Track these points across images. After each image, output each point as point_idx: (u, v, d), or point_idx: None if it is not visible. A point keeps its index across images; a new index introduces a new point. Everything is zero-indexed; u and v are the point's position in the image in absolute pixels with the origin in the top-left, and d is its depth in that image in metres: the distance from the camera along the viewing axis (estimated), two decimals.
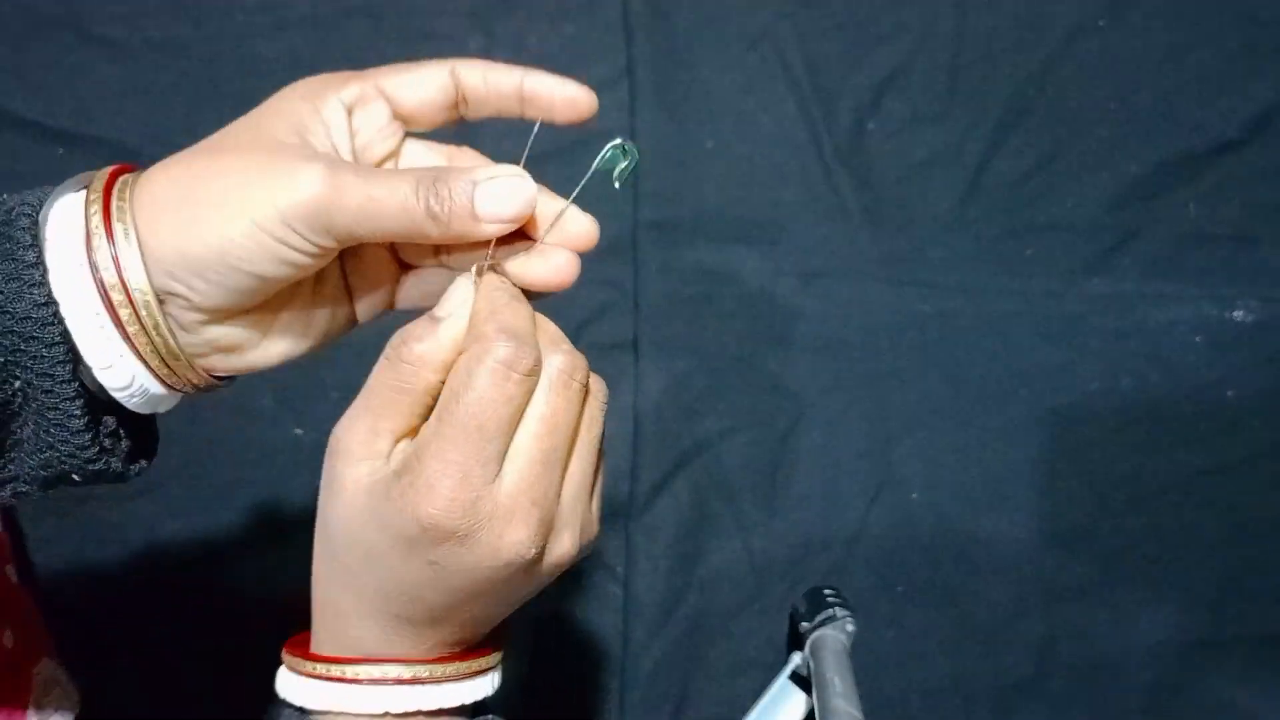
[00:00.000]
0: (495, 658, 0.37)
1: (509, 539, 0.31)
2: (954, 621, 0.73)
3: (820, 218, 0.74)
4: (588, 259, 0.36)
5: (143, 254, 0.30)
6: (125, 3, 0.70)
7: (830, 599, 0.67)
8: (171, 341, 0.32)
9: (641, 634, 0.70)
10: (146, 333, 0.31)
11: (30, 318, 0.30)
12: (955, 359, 0.74)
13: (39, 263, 0.30)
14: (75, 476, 0.33)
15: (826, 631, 0.64)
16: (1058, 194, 0.76)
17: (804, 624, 0.66)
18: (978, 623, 0.73)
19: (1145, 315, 0.75)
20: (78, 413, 0.31)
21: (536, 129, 0.35)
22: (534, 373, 0.31)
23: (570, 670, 0.70)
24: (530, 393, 0.31)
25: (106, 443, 0.33)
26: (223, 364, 0.35)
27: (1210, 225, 0.76)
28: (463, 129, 0.72)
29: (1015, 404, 0.74)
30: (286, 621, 0.70)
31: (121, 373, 0.32)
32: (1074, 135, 0.76)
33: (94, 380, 0.32)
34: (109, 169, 0.33)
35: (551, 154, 0.73)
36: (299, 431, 0.69)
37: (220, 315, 0.33)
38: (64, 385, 0.31)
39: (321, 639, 0.36)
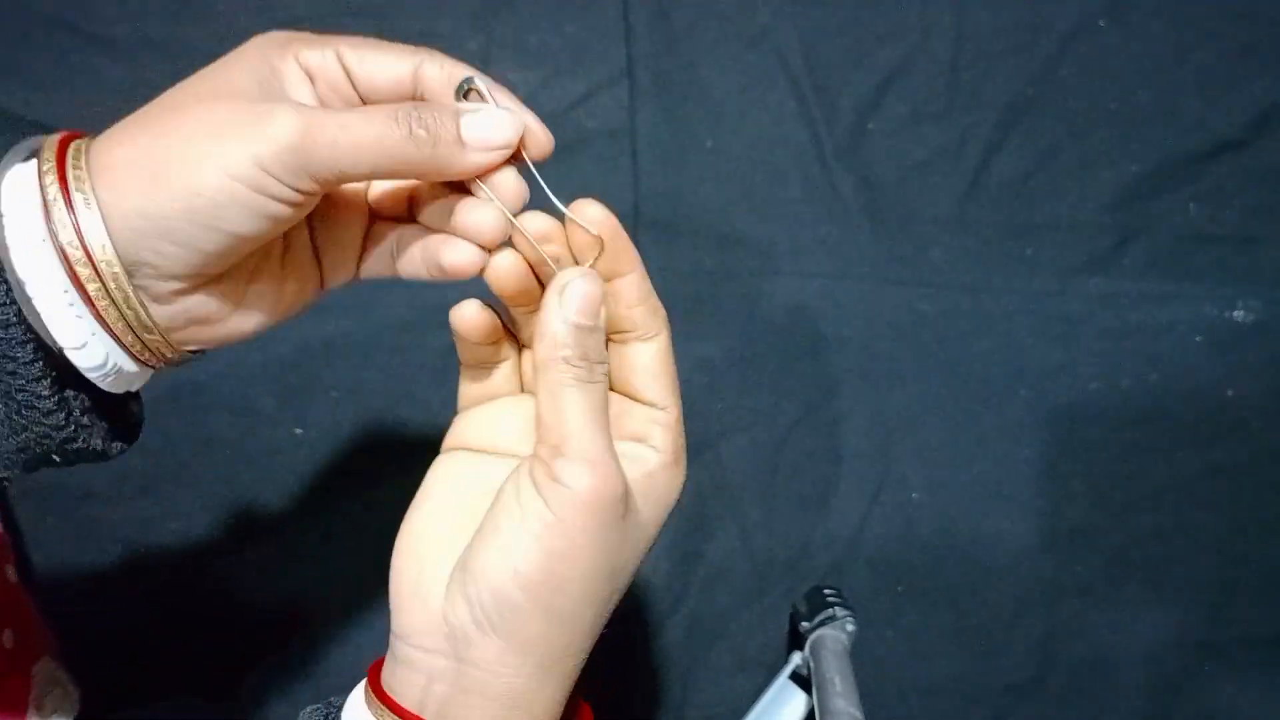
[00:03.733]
0: None
1: None
2: (954, 621, 0.73)
3: (820, 217, 0.74)
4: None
5: (106, 222, 0.29)
6: (126, 2, 0.70)
7: (830, 599, 0.67)
8: (144, 314, 0.30)
9: (642, 634, 0.70)
10: (117, 307, 0.30)
11: None
12: (955, 359, 0.74)
13: None
14: (55, 457, 0.32)
15: (827, 631, 0.64)
16: (1058, 194, 0.76)
17: (804, 624, 0.66)
18: (978, 623, 0.73)
19: (1145, 315, 0.75)
20: (45, 393, 0.30)
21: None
22: None
23: None
24: None
25: (83, 419, 0.32)
26: (196, 336, 0.33)
27: (1211, 225, 0.76)
28: None
29: (1015, 404, 0.74)
30: (287, 620, 0.70)
31: (94, 352, 0.31)
32: (1074, 135, 0.76)
33: (64, 360, 0.30)
34: (57, 135, 0.31)
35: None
36: (299, 431, 0.69)
37: (192, 283, 0.31)
38: (27, 366, 0.29)
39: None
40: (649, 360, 0.34)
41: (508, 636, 0.30)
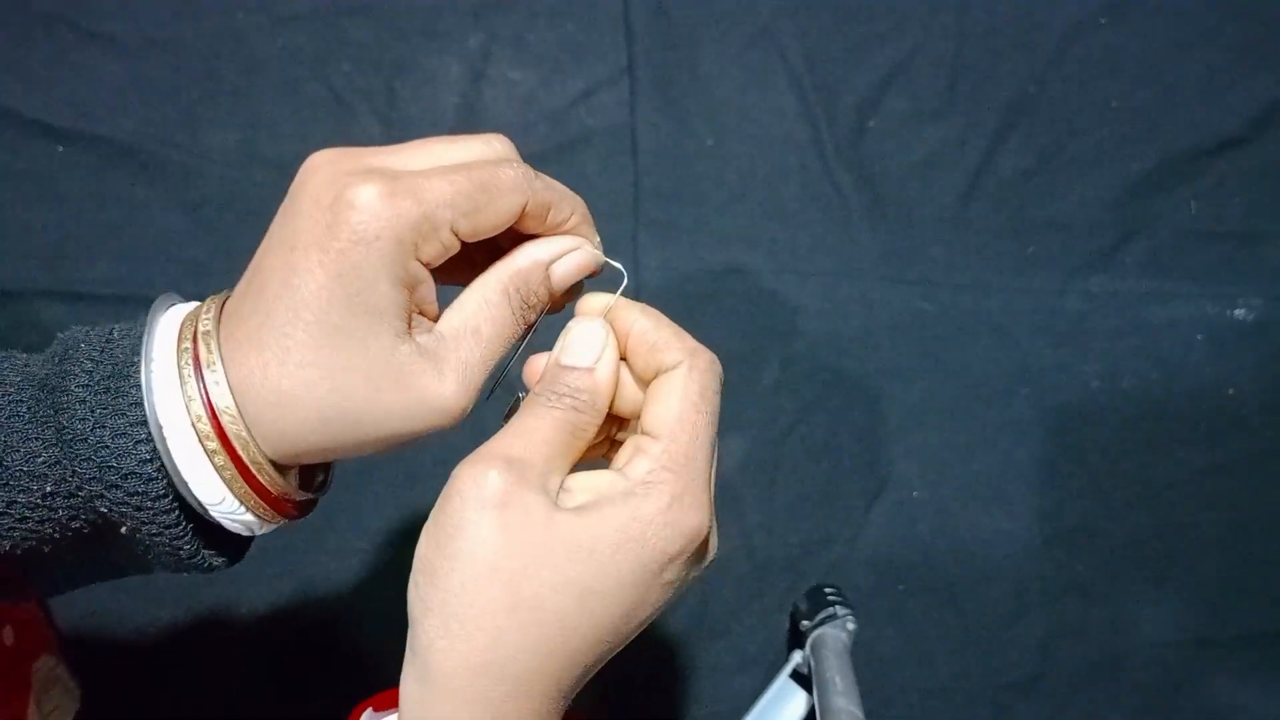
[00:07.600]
0: None
1: (715, 539, 0.33)
2: (954, 620, 0.73)
3: (821, 215, 0.74)
4: None
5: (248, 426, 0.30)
6: (125, 0, 0.70)
7: (831, 597, 0.67)
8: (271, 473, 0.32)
9: (642, 634, 0.70)
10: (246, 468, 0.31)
11: (135, 474, 0.30)
12: (956, 357, 0.74)
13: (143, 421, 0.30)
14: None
15: (827, 630, 0.64)
16: (1059, 192, 0.76)
17: (805, 622, 0.66)
18: (978, 621, 0.73)
19: (1146, 313, 0.75)
20: (187, 547, 0.32)
21: (625, 283, 0.35)
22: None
23: None
24: None
25: (215, 558, 0.34)
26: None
27: (1211, 223, 0.76)
28: (462, 112, 0.72)
29: (1016, 402, 0.74)
30: (288, 619, 0.70)
31: (231, 504, 0.32)
32: (1075, 133, 0.76)
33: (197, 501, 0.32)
34: (192, 316, 0.31)
35: (551, 152, 0.74)
36: None
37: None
38: (171, 529, 0.31)
39: None
40: (656, 386, 0.33)
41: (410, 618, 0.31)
